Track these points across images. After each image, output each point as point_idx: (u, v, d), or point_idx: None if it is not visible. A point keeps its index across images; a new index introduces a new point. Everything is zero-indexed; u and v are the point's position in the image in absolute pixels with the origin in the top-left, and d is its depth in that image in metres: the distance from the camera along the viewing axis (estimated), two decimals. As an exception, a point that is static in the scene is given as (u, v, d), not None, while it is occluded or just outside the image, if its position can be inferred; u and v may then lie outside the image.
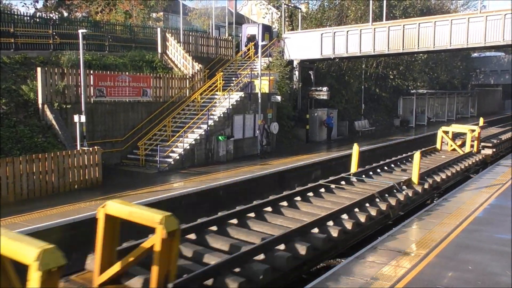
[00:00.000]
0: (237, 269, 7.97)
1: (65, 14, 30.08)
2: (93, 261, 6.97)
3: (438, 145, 22.18)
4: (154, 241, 6.09)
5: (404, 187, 14.02)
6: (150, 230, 6.11)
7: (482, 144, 22.13)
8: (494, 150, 22.28)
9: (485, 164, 20.88)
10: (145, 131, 20.67)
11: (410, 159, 18.70)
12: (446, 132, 22.14)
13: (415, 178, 14.64)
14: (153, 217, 6.03)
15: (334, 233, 10.08)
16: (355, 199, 12.20)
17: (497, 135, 26.62)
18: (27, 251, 4.54)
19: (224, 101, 22.17)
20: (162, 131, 20.86)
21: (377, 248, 9.22)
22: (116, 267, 6.46)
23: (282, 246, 9.06)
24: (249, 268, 8.00)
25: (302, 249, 8.98)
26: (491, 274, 7.89)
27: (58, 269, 4.58)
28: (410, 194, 13.70)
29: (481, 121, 30.74)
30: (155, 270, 6.15)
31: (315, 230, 10.09)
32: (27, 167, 13.89)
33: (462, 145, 21.80)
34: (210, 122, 20.79)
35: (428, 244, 9.34)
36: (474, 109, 52.44)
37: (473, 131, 21.49)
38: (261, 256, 8.55)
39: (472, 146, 21.30)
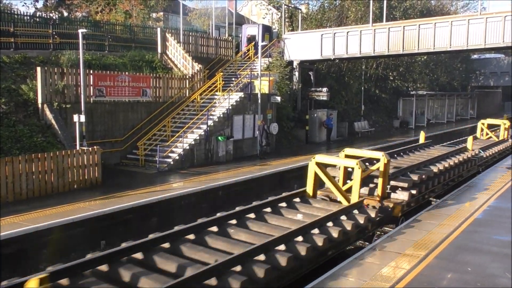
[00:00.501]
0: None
1: (65, 13, 30.08)
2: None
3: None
4: (380, 165, 12.11)
5: None
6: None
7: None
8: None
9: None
10: (144, 131, 20.65)
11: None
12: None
13: None
14: (378, 154, 12.55)
15: None
16: None
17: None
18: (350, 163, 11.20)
19: (224, 102, 22.16)
20: (161, 131, 20.84)
21: (376, 249, 9.22)
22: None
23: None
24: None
25: None
26: (491, 275, 7.89)
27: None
28: None
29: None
30: (380, 183, 12.35)
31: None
32: (27, 166, 13.86)
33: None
34: (210, 122, 20.78)
35: (428, 245, 9.34)
36: (473, 110, 52.50)
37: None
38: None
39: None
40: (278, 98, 24.51)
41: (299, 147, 26.37)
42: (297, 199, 12.07)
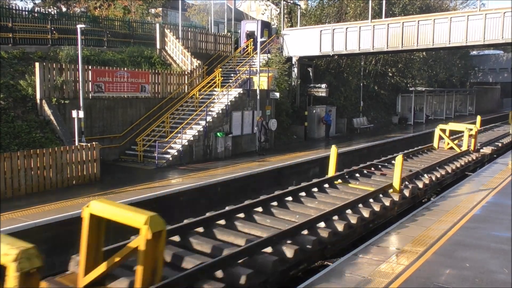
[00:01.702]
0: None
1: (64, 9, 29.96)
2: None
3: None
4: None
5: None
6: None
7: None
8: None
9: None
10: (143, 127, 20.63)
11: None
12: None
13: None
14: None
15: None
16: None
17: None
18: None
19: (223, 98, 22.14)
20: (160, 127, 20.83)
21: (375, 245, 9.23)
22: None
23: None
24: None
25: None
26: (489, 272, 7.90)
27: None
28: None
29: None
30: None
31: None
32: (25, 162, 13.85)
33: None
34: (209, 118, 20.76)
35: (426, 241, 9.35)
36: (472, 107, 52.52)
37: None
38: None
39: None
40: (277, 94, 24.48)
41: (297, 143, 26.37)
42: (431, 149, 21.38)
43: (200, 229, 9.68)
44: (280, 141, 25.67)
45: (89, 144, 15.84)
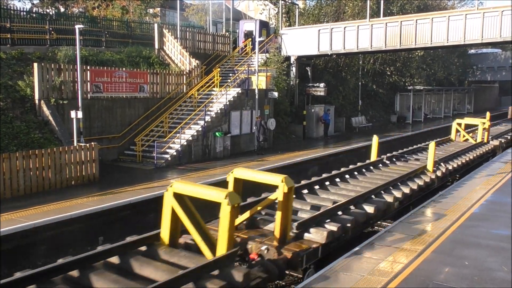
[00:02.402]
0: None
1: (62, 9, 29.93)
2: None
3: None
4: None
5: None
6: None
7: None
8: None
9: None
10: (142, 127, 20.62)
11: None
12: None
13: None
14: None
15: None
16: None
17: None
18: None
19: (221, 97, 22.14)
20: (159, 127, 20.83)
21: (374, 243, 9.25)
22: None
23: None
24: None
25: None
26: (488, 269, 7.92)
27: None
28: None
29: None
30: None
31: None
32: (24, 163, 13.84)
33: None
34: (207, 118, 20.76)
35: (425, 239, 9.37)
36: (470, 105, 52.62)
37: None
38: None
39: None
40: (276, 94, 24.49)
41: (296, 142, 26.38)
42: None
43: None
44: (278, 141, 25.68)
45: (88, 145, 15.84)
